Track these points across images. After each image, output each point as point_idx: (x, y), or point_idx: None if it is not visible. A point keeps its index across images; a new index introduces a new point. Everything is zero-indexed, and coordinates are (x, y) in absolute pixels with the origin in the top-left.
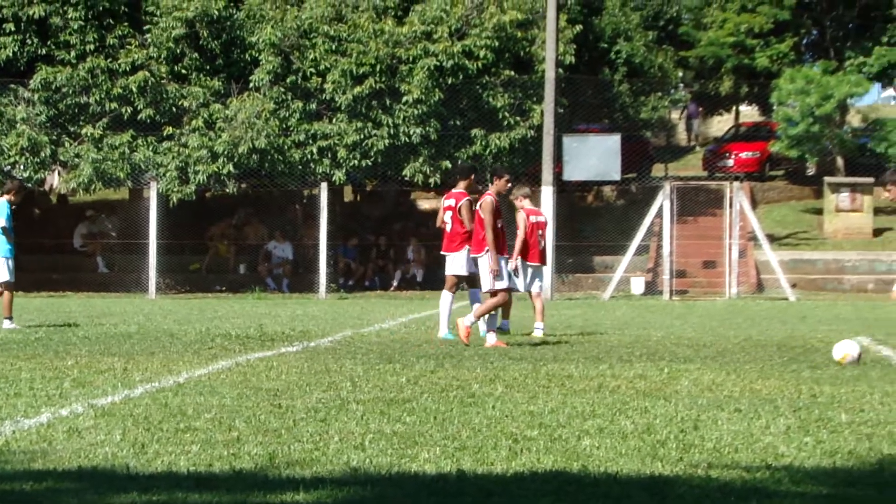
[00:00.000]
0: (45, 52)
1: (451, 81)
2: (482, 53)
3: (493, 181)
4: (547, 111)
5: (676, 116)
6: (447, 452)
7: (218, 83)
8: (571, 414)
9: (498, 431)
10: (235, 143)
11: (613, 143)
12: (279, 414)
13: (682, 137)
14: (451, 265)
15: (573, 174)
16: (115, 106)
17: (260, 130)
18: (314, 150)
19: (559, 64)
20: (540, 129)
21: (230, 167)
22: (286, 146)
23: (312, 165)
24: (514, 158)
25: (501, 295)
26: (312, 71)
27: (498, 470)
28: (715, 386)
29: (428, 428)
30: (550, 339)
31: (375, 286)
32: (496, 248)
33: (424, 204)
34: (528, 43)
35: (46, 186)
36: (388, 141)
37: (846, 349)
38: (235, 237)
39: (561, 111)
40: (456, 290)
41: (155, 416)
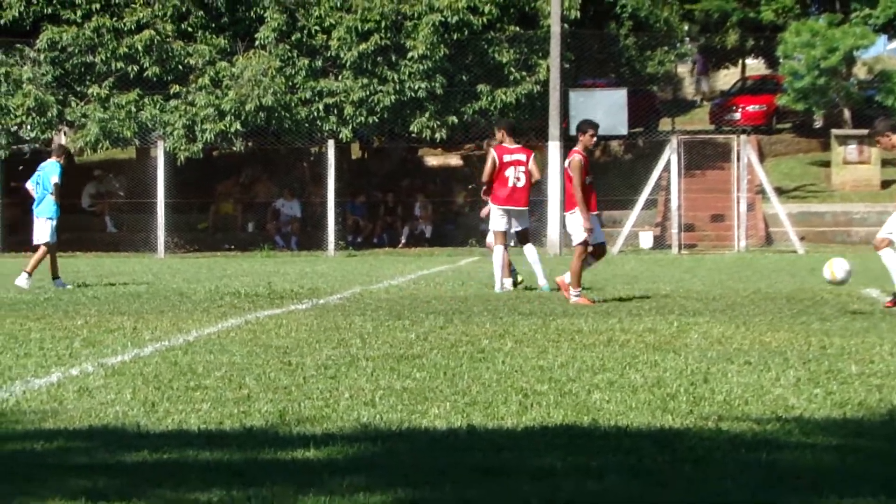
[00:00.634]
0: (50, 11)
1: (456, 37)
2: (487, 9)
3: (578, 137)
4: (553, 66)
5: (683, 71)
6: (457, 408)
7: (223, 41)
8: (581, 368)
9: (508, 386)
10: (242, 100)
11: (620, 97)
12: (289, 371)
13: (688, 91)
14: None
15: None
16: (121, 65)
17: (266, 88)
18: (320, 107)
19: (564, 19)
20: (546, 84)
21: (237, 125)
22: (293, 103)
23: (319, 123)
24: (520, 114)
25: (579, 249)
26: (318, 28)
27: (508, 425)
28: (724, 339)
29: (438, 384)
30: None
31: (384, 243)
32: (584, 205)
33: (431, 160)
34: None
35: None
36: (394, 97)
37: (834, 268)
38: (242, 195)
39: (567, 66)
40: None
41: (165, 374)
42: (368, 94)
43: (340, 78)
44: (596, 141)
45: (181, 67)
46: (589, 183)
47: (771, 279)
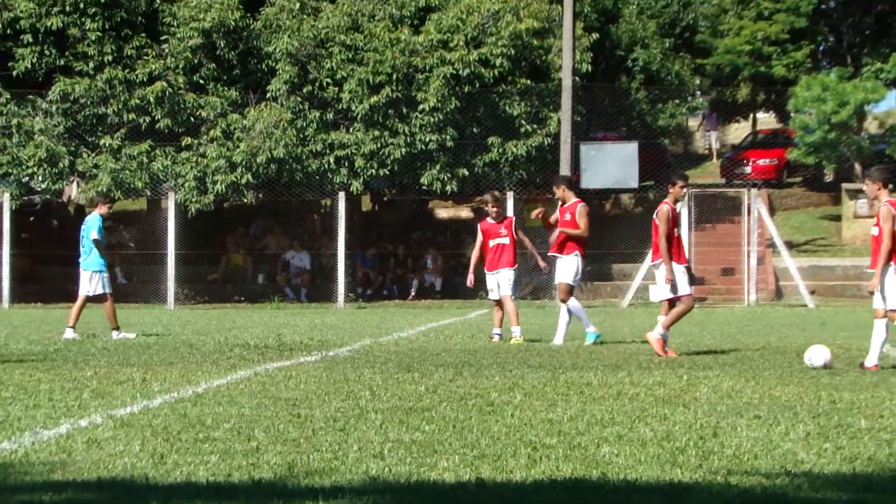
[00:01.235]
0: (63, 63)
1: (467, 90)
2: (498, 62)
3: (668, 188)
4: (564, 119)
5: (694, 124)
6: (466, 461)
7: (235, 93)
8: (590, 421)
9: (517, 439)
10: (253, 152)
11: (631, 150)
12: (298, 423)
13: (699, 145)
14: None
15: (591, 182)
16: (132, 116)
17: (278, 140)
18: (331, 159)
19: (576, 72)
20: (557, 136)
21: (248, 177)
22: (304, 156)
23: (330, 175)
24: (530, 166)
25: (686, 300)
26: (329, 80)
27: (517, 478)
28: (734, 393)
29: (447, 436)
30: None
31: (393, 295)
32: (671, 256)
33: (442, 213)
34: (544, 51)
35: (64, 197)
36: (404, 149)
37: (813, 356)
38: (253, 247)
39: (578, 119)
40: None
41: (174, 426)
42: (379, 146)
43: (351, 130)
44: (606, 194)
45: (193, 119)
46: (676, 235)
47: (781, 333)
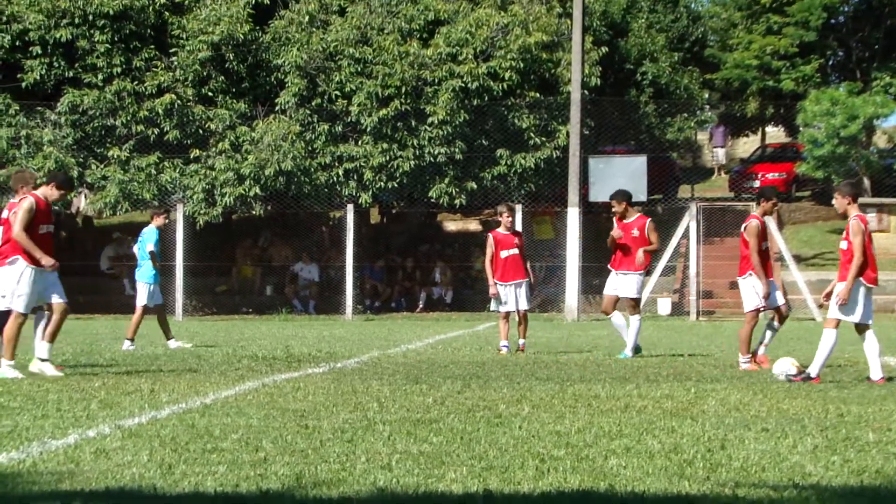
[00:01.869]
0: (72, 74)
1: (476, 103)
2: (507, 75)
3: (758, 202)
4: (573, 132)
5: (703, 137)
6: (474, 472)
7: (244, 106)
8: (598, 434)
9: (525, 451)
10: (262, 165)
11: (640, 164)
12: (306, 434)
13: (708, 158)
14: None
15: (599, 195)
16: (141, 128)
17: (286, 153)
18: (340, 172)
19: (585, 85)
20: (566, 149)
21: (257, 189)
22: (312, 168)
23: (338, 187)
24: (539, 179)
25: (750, 316)
26: (338, 93)
27: (525, 490)
28: (742, 405)
29: (454, 448)
30: (571, 356)
31: (402, 307)
32: (761, 270)
33: (450, 225)
34: (553, 65)
35: (73, 209)
36: (413, 162)
37: (775, 367)
38: (261, 259)
39: (587, 132)
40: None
41: (182, 436)
42: (388, 159)
43: (360, 143)
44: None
45: (201, 131)
46: (765, 249)
47: (789, 346)
